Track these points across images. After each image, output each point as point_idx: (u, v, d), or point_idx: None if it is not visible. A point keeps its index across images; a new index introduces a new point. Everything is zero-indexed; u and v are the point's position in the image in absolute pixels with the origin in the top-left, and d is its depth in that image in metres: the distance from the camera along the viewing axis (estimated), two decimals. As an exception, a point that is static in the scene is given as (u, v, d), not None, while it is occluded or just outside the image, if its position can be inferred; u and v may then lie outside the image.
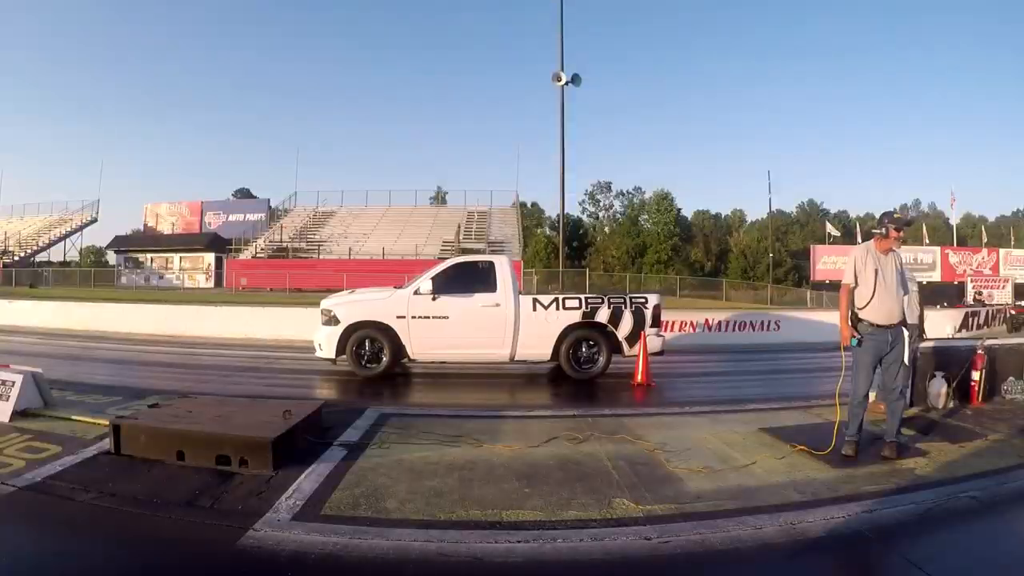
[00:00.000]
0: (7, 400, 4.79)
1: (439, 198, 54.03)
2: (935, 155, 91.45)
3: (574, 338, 7.44)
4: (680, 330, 12.63)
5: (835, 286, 37.07)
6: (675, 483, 3.51)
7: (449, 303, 7.29)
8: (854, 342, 4.19)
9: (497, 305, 7.31)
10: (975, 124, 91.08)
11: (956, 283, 34.67)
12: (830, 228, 41.42)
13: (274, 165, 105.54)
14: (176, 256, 43.13)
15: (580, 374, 7.42)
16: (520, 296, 7.49)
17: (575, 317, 7.44)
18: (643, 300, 7.66)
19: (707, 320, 12.91)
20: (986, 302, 17.62)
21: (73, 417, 4.78)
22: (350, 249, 34.50)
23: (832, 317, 14.46)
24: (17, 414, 4.69)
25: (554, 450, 4.15)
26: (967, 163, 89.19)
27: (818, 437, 4.32)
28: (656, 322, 7.66)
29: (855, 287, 4.25)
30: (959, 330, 14.82)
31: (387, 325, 7.32)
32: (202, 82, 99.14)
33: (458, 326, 7.28)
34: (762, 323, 13.11)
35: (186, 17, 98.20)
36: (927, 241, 40.64)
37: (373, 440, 4.35)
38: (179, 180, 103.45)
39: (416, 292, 7.34)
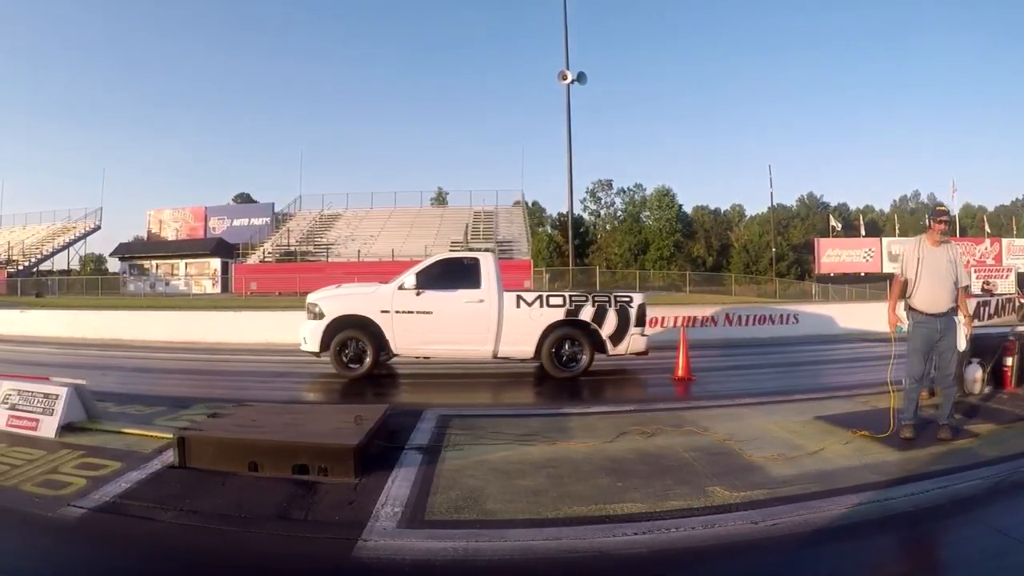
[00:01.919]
0: (52, 415, 4.61)
1: (439, 199, 54.16)
2: (933, 145, 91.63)
3: (557, 336, 7.41)
4: (702, 325, 12.89)
5: (840, 279, 37.59)
6: (757, 471, 3.70)
7: (433, 298, 7.31)
8: (899, 329, 4.46)
9: (481, 301, 7.32)
10: (972, 114, 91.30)
11: (959, 273, 35.02)
12: (833, 221, 41.82)
13: (275, 168, 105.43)
14: (181, 262, 43.09)
15: (562, 372, 7.37)
16: (504, 293, 7.46)
17: (559, 315, 7.42)
18: (628, 299, 7.64)
19: (727, 315, 13.19)
20: (993, 292, 17.92)
21: (124, 430, 4.64)
22: (359, 251, 34.67)
23: (846, 310, 14.86)
24: (62, 429, 4.53)
25: (629, 444, 4.29)
26: (965, 153, 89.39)
27: (873, 423, 4.57)
28: (641, 321, 7.62)
29: (905, 279, 4.52)
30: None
31: (371, 319, 7.34)
32: (200, 86, 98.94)
33: (441, 321, 7.30)
34: (781, 316, 13.40)
35: (185, 21, 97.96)
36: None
37: (444, 442, 4.35)
38: (179, 186, 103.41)
39: (400, 287, 7.36)
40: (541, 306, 7.42)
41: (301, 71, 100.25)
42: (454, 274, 7.50)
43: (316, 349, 7.48)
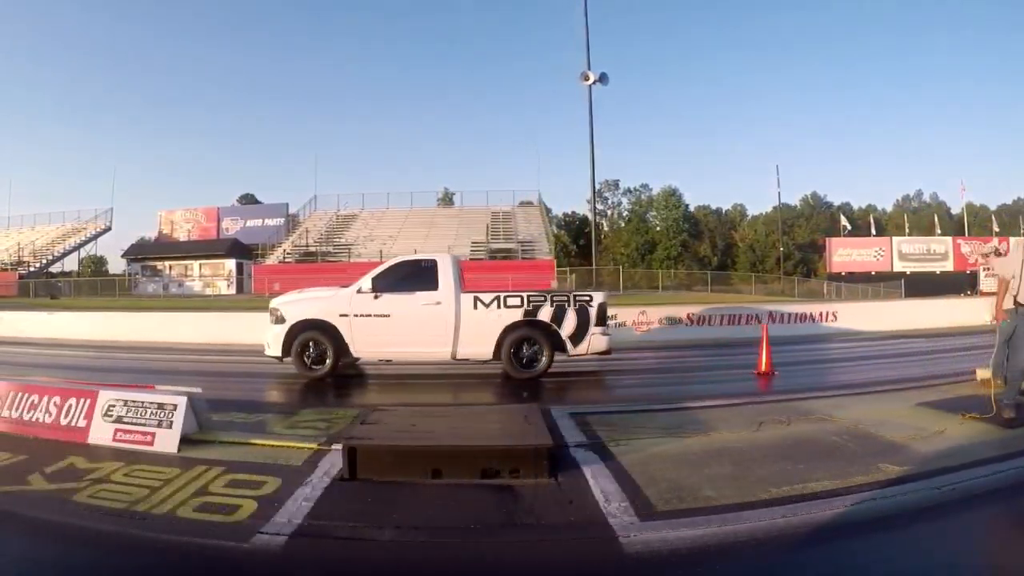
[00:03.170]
0: (170, 427, 4.27)
1: (446, 198, 54.63)
2: (934, 145, 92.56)
3: (516, 337, 7.43)
4: (746, 323, 13.60)
5: (850, 278, 38.38)
6: (903, 449, 4.14)
7: (391, 301, 7.40)
8: (1004, 323, 5.21)
9: (438, 303, 7.40)
10: (973, 113, 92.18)
11: (968, 272, 36.07)
12: (844, 221, 42.80)
13: (279, 169, 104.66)
14: (195, 263, 43.31)
15: (522, 373, 7.40)
16: (462, 294, 7.52)
17: (517, 316, 7.44)
18: (588, 298, 7.63)
19: (770, 313, 13.89)
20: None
21: (253, 441, 4.45)
22: (380, 251, 35.06)
23: (873, 308, 15.62)
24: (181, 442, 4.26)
25: (775, 432, 4.64)
26: (966, 152, 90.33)
27: (973, 406, 5.19)
28: (602, 320, 7.62)
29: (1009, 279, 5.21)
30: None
31: (330, 323, 7.44)
32: (204, 87, 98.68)
33: (399, 324, 7.37)
34: (821, 314, 14.18)
35: (188, 21, 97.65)
36: (939, 231, 42.05)
37: (601, 439, 4.48)
38: (183, 186, 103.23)
39: (359, 290, 7.49)
40: (499, 307, 7.44)
41: (307, 70, 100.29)
42: (412, 276, 7.58)
43: (278, 354, 7.54)
